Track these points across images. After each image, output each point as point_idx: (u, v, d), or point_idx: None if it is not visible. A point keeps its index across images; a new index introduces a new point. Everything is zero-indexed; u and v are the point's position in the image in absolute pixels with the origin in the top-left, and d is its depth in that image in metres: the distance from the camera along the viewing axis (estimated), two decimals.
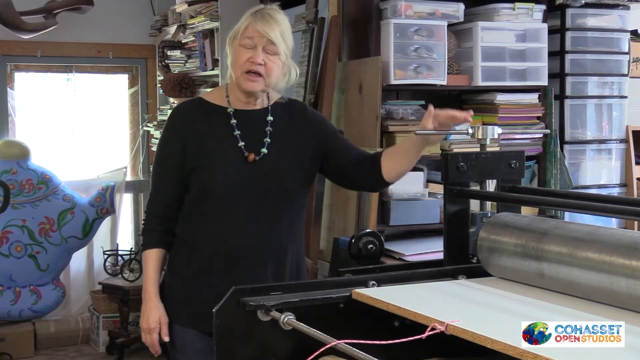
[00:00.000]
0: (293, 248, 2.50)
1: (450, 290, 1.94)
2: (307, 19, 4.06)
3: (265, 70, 2.39)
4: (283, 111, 2.53)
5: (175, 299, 2.49)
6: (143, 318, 2.48)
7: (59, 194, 5.50)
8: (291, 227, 2.50)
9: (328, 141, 2.54)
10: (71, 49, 6.01)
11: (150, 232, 2.52)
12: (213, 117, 2.48)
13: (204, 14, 5.02)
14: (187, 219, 2.49)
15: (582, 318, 1.63)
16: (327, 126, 2.61)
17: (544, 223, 1.95)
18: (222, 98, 2.51)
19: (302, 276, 2.57)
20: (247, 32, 2.39)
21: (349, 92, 3.81)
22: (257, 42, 2.38)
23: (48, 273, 5.48)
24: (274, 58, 2.41)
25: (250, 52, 2.39)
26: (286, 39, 2.43)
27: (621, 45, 4.12)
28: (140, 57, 6.32)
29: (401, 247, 3.48)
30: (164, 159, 2.52)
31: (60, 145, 6.26)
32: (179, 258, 2.50)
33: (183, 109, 2.56)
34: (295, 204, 2.51)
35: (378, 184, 2.54)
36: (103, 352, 5.46)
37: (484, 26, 3.74)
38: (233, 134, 2.45)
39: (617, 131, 4.12)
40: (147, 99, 6.39)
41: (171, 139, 2.50)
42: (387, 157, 2.46)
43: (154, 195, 2.54)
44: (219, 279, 2.37)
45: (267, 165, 2.44)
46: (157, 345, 2.47)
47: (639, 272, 1.61)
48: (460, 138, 3.61)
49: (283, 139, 2.49)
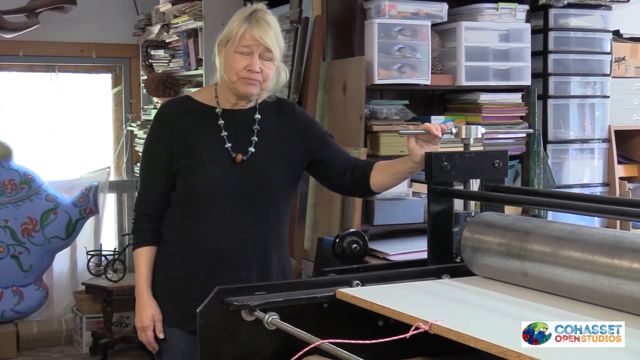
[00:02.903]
0: (278, 250, 2.50)
1: (434, 290, 1.95)
2: (291, 18, 4.06)
3: (261, 77, 2.40)
4: (271, 110, 2.54)
5: (160, 298, 2.48)
6: (137, 317, 2.48)
7: (42, 194, 5.47)
8: (276, 230, 2.50)
9: (317, 145, 2.54)
10: (54, 48, 5.98)
11: (140, 231, 2.51)
12: (201, 116, 2.48)
13: (188, 13, 5.01)
14: (173, 219, 2.49)
15: (565, 317, 1.64)
16: (317, 129, 2.61)
17: (527, 222, 1.96)
18: (211, 98, 2.50)
19: (288, 277, 2.57)
20: (244, 39, 2.38)
21: (333, 91, 3.81)
22: (253, 50, 2.38)
23: (31, 274, 5.45)
24: (269, 64, 2.41)
25: (247, 60, 2.38)
26: (280, 43, 2.44)
27: (603, 45, 4.14)
28: (123, 57, 6.29)
29: (385, 246, 3.48)
30: (151, 156, 2.51)
31: (43, 145, 6.22)
32: (165, 258, 2.49)
33: (171, 107, 2.56)
34: (281, 206, 2.51)
35: (364, 193, 2.60)
36: (86, 352, 5.43)
37: (468, 26, 3.75)
38: (220, 135, 2.45)
39: (600, 131, 4.14)
40: (130, 99, 6.37)
41: (159, 136, 2.49)
42: (378, 171, 2.46)
43: (143, 194, 2.53)
44: (203, 279, 2.36)
45: (255, 165, 2.44)
46: (154, 343, 2.47)
47: (621, 271, 1.62)
48: (444, 138, 3.61)
49: (271, 138, 2.49)
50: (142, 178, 2.55)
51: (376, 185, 2.46)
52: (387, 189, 2.52)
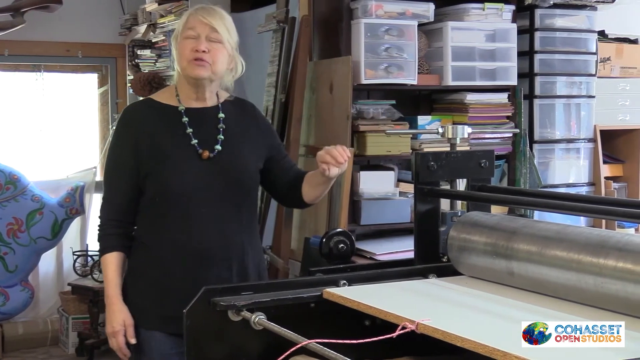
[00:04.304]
0: (252, 247, 2.51)
1: (420, 289, 1.95)
2: (277, 18, 4.05)
3: (210, 58, 2.39)
4: (233, 109, 2.54)
5: (139, 302, 2.45)
6: (107, 322, 2.44)
7: (28, 195, 5.43)
8: (250, 225, 2.51)
9: (274, 152, 2.58)
10: (40, 47, 5.95)
11: (107, 237, 2.47)
12: (164, 117, 2.46)
13: (174, 13, 5.00)
14: (146, 222, 2.46)
15: (550, 316, 1.65)
16: (275, 136, 2.66)
17: (514, 222, 1.96)
18: (172, 97, 2.50)
19: (263, 273, 2.58)
20: (189, 23, 2.41)
21: (320, 91, 3.81)
22: (199, 32, 2.39)
23: (16, 274, 5.42)
24: (217, 46, 2.41)
25: (194, 42, 2.39)
26: (230, 30, 2.44)
27: (589, 45, 4.16)
28: (110, 57, 6.27)
29: (372, 246, 3.49)
30: (116, 162, 2.48)
31: (29, 145, 6.20)
32: (141, 261, 2.47)
33: (133, 111, 2.55)
34: (252, 201, 2.54)
35: (300, 204, 2.63)
36: (72, 353, 5.41)
37: (454, 26, 3.76)
38: (185, 132, 2.43)
39: (585, 130, 4.16)
40: (116, 99, 6.34)
41: (122, 141, 2.47)
42: (305, 182, 2.52)
43: (108, 200, 2.49)
44: (183, 280, 2.35)
45: (223, 162, 2.44)
46: (125, 349, 2.43)
47: (606, 270, 1.63)
48: (431, 137, 3.63)
49: (236, 136, 2.49)
50: (107, 183, 2.50)
51: (306, 196, 2.54)
52: (317, 199, 2.57)
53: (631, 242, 1.63)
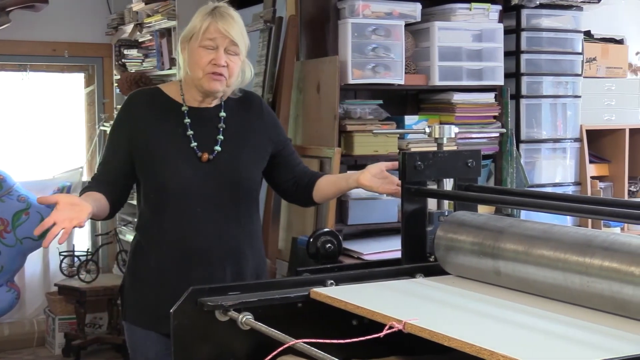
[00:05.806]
0: (252, 248, 2.50)
1: (408, 289, 1.96)
2: (264, 18, 4.05)
3: (227, 72, 2.38)
4: (237, 106, 2.52)
5: (135, 301, 2.47)
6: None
7: (14, 195, 5.41)
8: (248, 226, 2.49)
9: (281, 147, 2.57)
10: (25, 47, 5.92)
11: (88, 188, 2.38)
12: (168, 111, 2.46)
13: (161, 12, 4.99)
14: (144, 220, 2.47)
15: (536, 315, 1.66)
16: (281, 131, 2.63)
17: (500, 221, 1.97)
18: (178, 94, 2.49)
19: (262, 275, 2.57)
20: (209, 32, 2.36)
21: (307, 91, 3.81)
22: (219, 43, 2.36)
23: (2, 275, 5.39)
24: (235, 59, 2.39)
25: (213, 54, 2.36)
26: (245, 38, 2.43)
27: (575, 45, 4.18)
28: (96, 56, 6.25)
29: (359, 246, 3.49)
30: (114, 137, 2.48)
31: (15, 145, 6.17)
32: (138, 259, 2.48)
33: (141, 96, 2.53)
34: (252, 202, 2.52)
35: (306, 203, 2.65)
36: (59, 354, 5.40)
37: (441, 26, 3.77)
38: (186, 134, 2.43)
39: (572, 130, 4.18)
40: (103, 99, 6.33)
41: (122, 121, 2.48)
42: (324, 184, 2.54)
43: (100, 167, 2.48)
44: (177, 281, 2.35)
45: (222, 163, 2.43)
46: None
47: (592, 270, 1.63)
48: (418, 137, 3.64)
49: (237, 135, 2.48)
50: (103, 154, 2.53)
51: (319, 197, 2.56)
52: (327, 201, 2.64)
53: (617, 242, 1.64)
